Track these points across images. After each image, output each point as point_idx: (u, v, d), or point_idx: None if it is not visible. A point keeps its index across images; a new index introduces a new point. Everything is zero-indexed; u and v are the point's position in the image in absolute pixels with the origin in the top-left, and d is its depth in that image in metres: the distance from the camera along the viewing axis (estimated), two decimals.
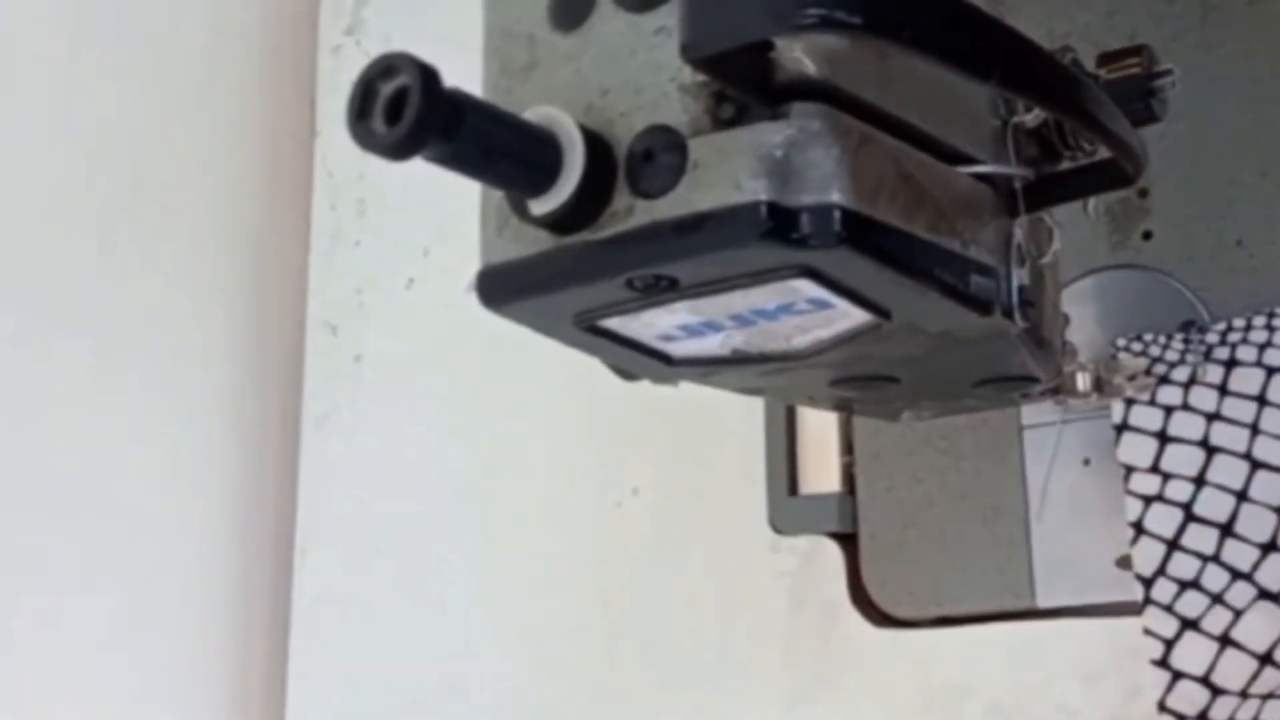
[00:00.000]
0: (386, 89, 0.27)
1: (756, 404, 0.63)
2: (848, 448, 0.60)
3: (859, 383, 0.40)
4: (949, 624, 0.56)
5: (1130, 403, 0.51)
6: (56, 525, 0.73)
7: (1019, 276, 0.35)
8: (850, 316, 0.33)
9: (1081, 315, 0.52)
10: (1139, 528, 0.50)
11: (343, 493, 0.79)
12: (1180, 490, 0.50)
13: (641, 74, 0.30)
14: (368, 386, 0.80)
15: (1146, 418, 0.51)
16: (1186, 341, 0.52)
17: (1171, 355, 0.51)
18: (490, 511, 0.73)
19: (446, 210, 0.80)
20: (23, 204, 0.74)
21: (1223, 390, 0.50)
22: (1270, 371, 0.50)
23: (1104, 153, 0.36)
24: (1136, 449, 0.51)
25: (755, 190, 0.28)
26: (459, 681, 0.71)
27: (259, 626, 0.81)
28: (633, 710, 0.65)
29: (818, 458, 0.62)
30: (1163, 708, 0.49)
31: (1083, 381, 0.49)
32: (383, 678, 0.74)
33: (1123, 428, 0.51)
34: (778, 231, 0.29)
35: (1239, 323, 0.50)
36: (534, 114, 0.30)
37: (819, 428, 0.62)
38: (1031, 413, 0.55)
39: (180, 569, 0.79)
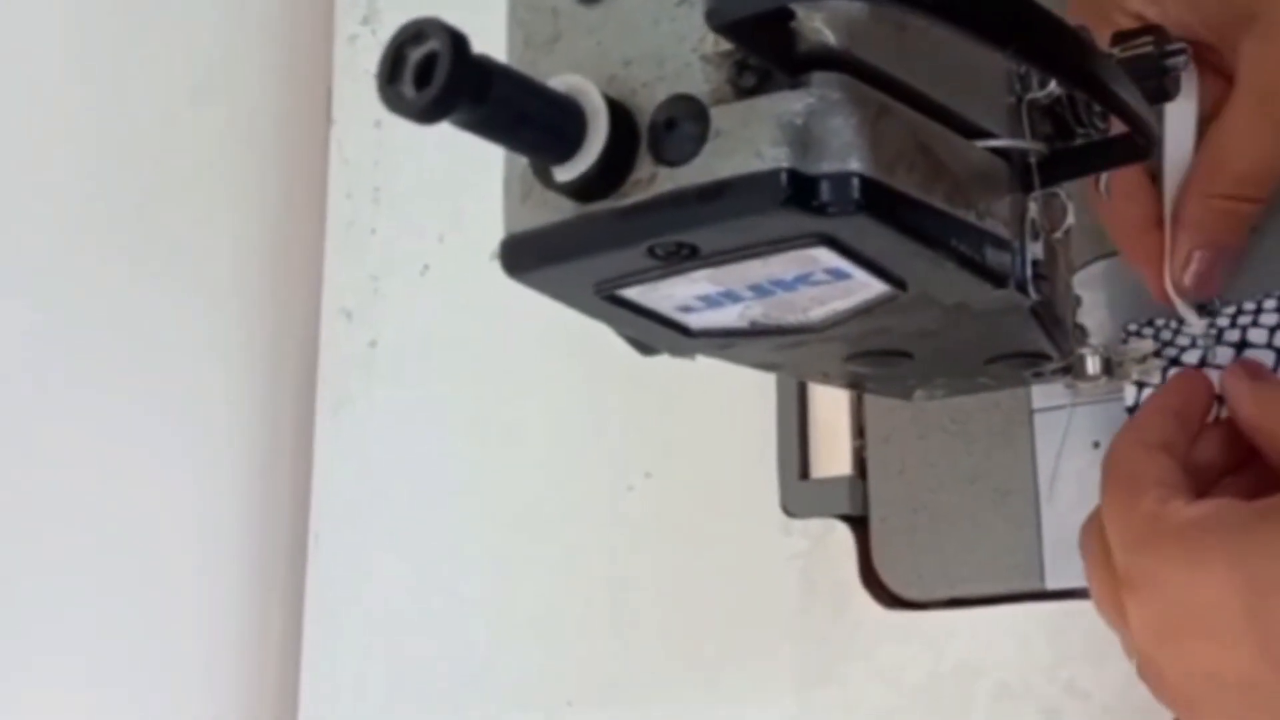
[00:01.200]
0: (416, 54, 0.27)
1: (768, 388, 0.64)
2: (859, 431, 0.61)
3: (873, 358, 0.40)
4: (959, 605, 0.56)
5: (1142, 385, 0.52)
6: (71, 512, 0.74)
7: (1033, 250, 0.35)
8: (867, 287, 0.34)
9: (1092, 300, 0.53)
10: None
11: (357, 477, 0.80)
12: None
13: (664, 44, 0.31)
14: (383, 372, 0.81)
15: None
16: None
17: (1182, 340, 0.52)
18: (503, 495, 0.73)
19: (461, 197, 0.81)
20: (36, 195, 0.75)
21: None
22: None
23: (1117, 130, 0.37)
24: None
25: (776, 158, 0.29)
26: (471, 665, 0.72)
27: (273, 611, 0.82)
28: (644, 691, 0.65)
29: (829, 441, 0.62)
30: None
31: (1092, 365, 0.49)
32: (395, 661, 0.75)
33: (1134, 410, 0.51)
34: (798, 198, 0.29)
35: (1249, 305, 0.51)
36: (558, 82, 0.30)
37: (830, 411, 0.62)
38: (1042, 396, 0.55)
39: (194, 553, 0.80)
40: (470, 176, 0.81)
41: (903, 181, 0.31)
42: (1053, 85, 0.36)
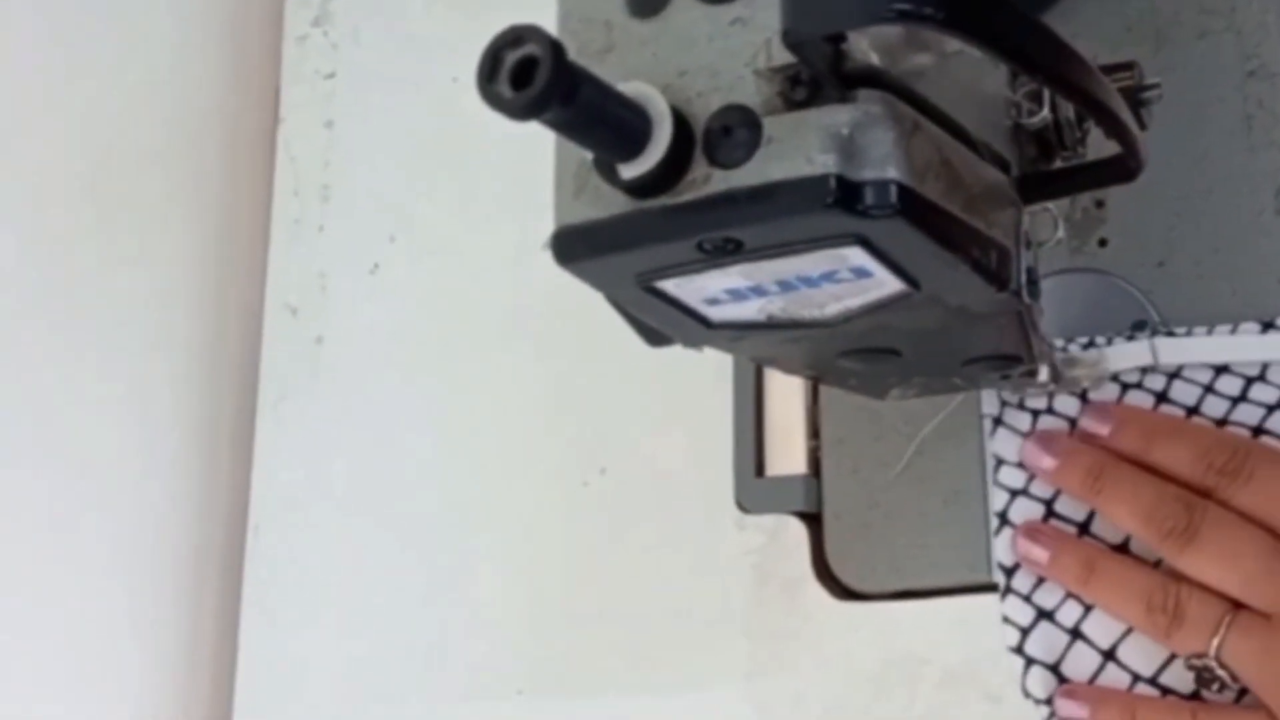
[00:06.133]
0: (511, 57, 0.30)
1: (725, 387, 0.67)
2: (814, 432, 0.64)
3: (865, 355, 0.44)
4: (908, 597, 0.60)
5: (1005, 404, 0.56)
6: (2, 501, 0.74)
7: (1027, 258, 0.39)
8: (883, 286, 0.37)
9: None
10: (1003, 518, 0.55)
11: (299, 472, 0.80)
12: (1044, 487, 0.55)
13: (718, 59, 0.34)
14: (329, 367, 0.82)
15: (1016, 419, 0.56)
16: (1131, 340, 0.56)
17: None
18: (454, 492, 0.75)
19: (412, 198, 0.83)
20: None
21: (1083, 399, 0.55)
22: (1125, 388, 0.55)
23: (1093, 155, 0.41)
24: (1008, 443, 0.55)
25: (826, 164, 0.32)
26: (416, 657, 0.73)
27: (208, 603, 0.82)
28: (601, 682, 0.67)
29: (784, 441, 0.65)
30: (1026, 692, 0.53)
31: (1043, 372, 0.53)
32: (337, 654, 0.75)
33: (998, 422, 0.56)
34: (844, 201, 0.32)
35: (1180, 331, 0.55)
36: (627, 88, 0.33)
37: (785, 413, 0.65)
38: (989, 403, 0.59)
39: (129, 544, 0.80)
40: (422, 180, 0.83)
41: (930, 190, 0.34)
42: (1044, 112, 0.40)
